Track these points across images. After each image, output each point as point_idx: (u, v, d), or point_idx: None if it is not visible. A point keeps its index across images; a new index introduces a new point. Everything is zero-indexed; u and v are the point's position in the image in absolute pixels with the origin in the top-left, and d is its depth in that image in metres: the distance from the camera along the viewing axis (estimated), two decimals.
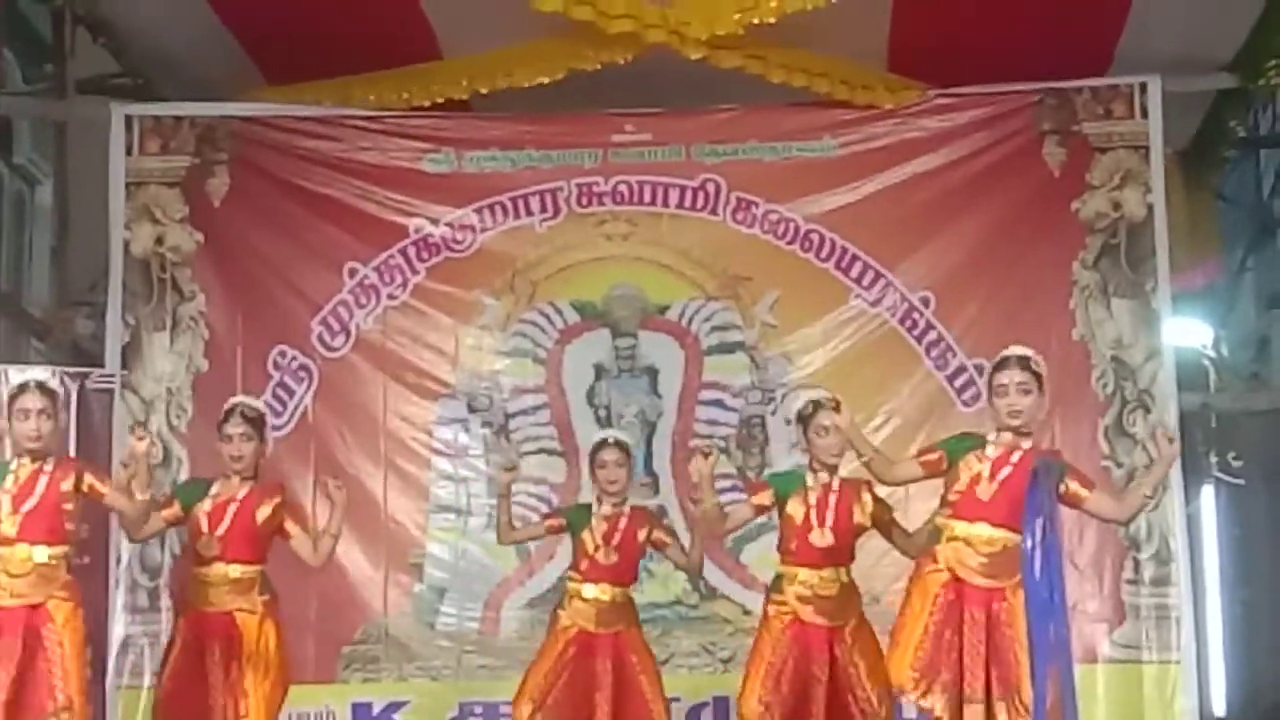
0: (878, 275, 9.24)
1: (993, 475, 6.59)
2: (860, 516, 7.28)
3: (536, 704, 7.41)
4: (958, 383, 9.10)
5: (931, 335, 9.18)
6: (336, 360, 9.21)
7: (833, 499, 7.25)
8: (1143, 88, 9.24)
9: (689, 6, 8.58)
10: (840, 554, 7.24)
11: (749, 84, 9.18)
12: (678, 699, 8.45)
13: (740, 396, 9.25)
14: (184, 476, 7.08)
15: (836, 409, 6.99)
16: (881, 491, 7.38)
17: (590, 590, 7.53)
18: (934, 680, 6.52)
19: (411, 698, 8.85)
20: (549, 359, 9.30)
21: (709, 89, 9.34)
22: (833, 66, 9.23)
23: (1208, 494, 10.10)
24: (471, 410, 9.22)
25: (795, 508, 7.26)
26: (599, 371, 9.31)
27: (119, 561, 8.79)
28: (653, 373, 9.31)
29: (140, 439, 7.04)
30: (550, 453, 9.22)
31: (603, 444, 7.75)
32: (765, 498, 7.41)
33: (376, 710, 8.85)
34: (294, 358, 9.17)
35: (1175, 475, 8.71)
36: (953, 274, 9.21)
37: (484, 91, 9.22)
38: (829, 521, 7.20)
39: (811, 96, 9.27)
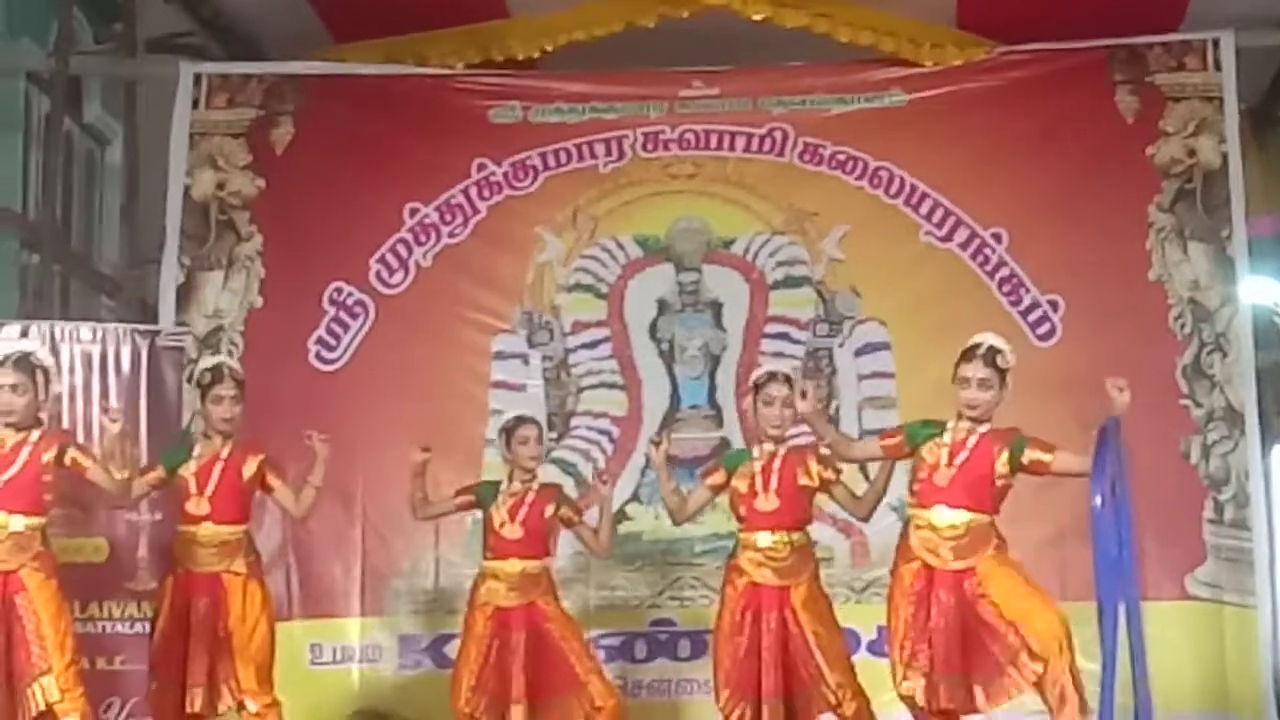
0: (948, 212, 9.19)
1: (950, 460, 6.70)
2: (806, 479, 7.33)
3: (471, 686, 7.52)
4: (1031, 318, 9.03)
5: (1004, 271, 9.11)
6: (395, 296, 9.23)
7: (777, 464, 7.33)
8: (1215, 43, 9.17)
9: None
10: (786, 516, 7.31)
11: (814, 44, 9.18)
12: None
13: (807, 329, 9.21)
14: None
15: (803, 395, 7.08)
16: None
17: (499, 566, 7.61)
18: (911, 666, 6.62)
19: (460, 630, 8.79)
20: (611, 294, 9.30)
21: (775, 50, 9.32)
22: (900, 24, 9.21)
23: (1278, 453, 9.98)
24: (531, 345, 9.22)
25: (740, 479, 7.37)
26: (662, 306, 9.30)
27: None
28: (717, 307, 9.28)
29: (114, 420, 7.11)
30: (612, 386, 9.22)
31: (520, 421, 7.81)
32: (718, 477, 7.51)
33: (425, 643, 8.83)
34: (350, 294, 9.19)
35: (1251, 421, 8.77)
36: (1026, 211, 9.16)
37: (549, 48, 9.23)
38: (773, 486, 7.28)
39: (879, 55, 9.24)
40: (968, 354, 6.79)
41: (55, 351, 7.90)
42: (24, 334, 7.80)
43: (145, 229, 9.71)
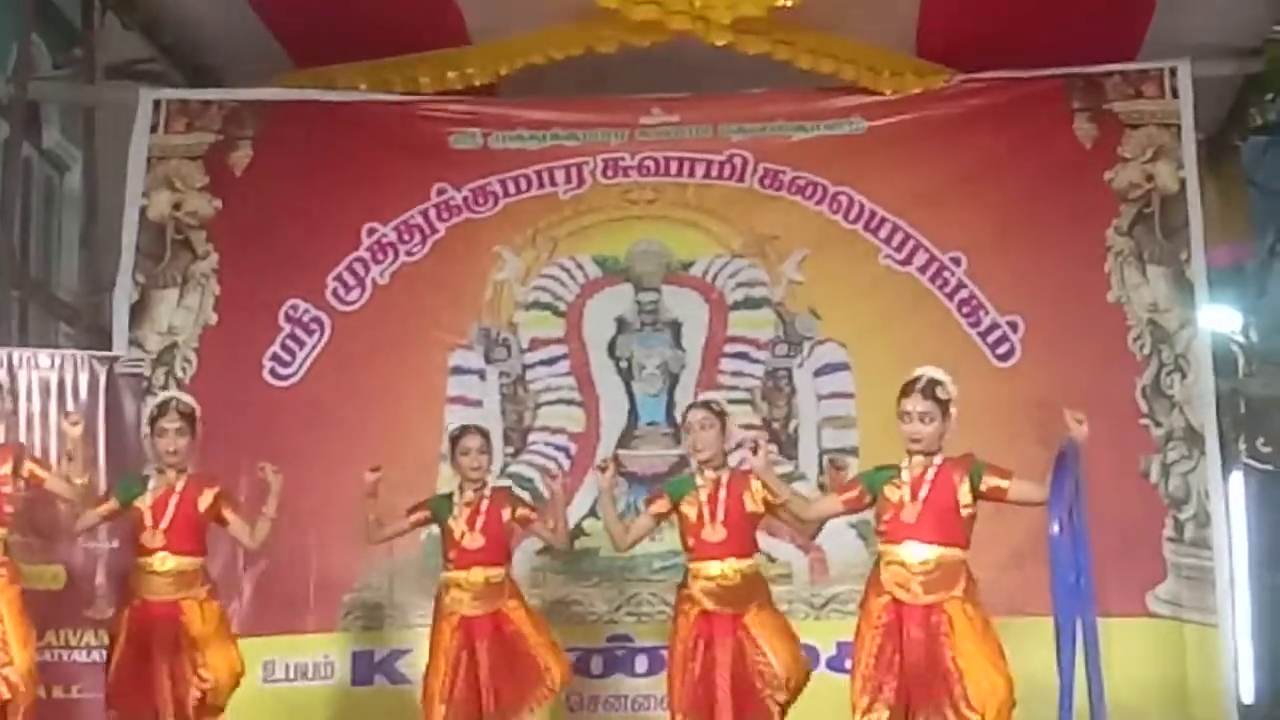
0: (907, 236, 9.22)
1: (914, 496, 6.67)
2: (752, 505, 7.35)
3: (444, 699, 7.54)
4: (990, 339, 9.07)
5: (963, 293, 9.15)
6: (351, 313, 9.21)
7: (722, 494, 7.35)
8: (1172, 72, 9.23)
9: None
10: (735, 545, 7.33)
11: (775, 71, 9.20)
12: None
13: (766, 349, 9.23)
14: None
15: (754, 451, 7.03)
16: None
17: (462, 576, 7.65)
18: (876, 698, 6.59)
19: (414, 645, 8.65)
20: (569, 312, 9.30)
21: (735, 78, 9.35)
22: (860, 52, 9.24)
23: (1236, 480, 10.04)
24: (489, 361, 9.22)
25: (688, 508, 7.39)
26: (621, 325, 9.30)
27: None
28: (676, 326, 9.30)
29: (75, 424, 7.16)
30: (569, 403, 9.21)
31: (464, 431, 7.87)
32: (662, 505, 7.53)
33: (378, 658, 8.78)
34: (306, 310, 9.17)
35: (1211, 443, 8.81)
36: (984, 235, 9.20)
37: (505, 73, 9.23)
38: (719, 516, 7.31)
39: (839, 82, 9.27)
40: (907, 389, 6.78)
41: (13, 377, 7.91)
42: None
43: (104, 255, 9.67)
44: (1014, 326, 9.04)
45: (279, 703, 7.73)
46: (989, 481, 6.67)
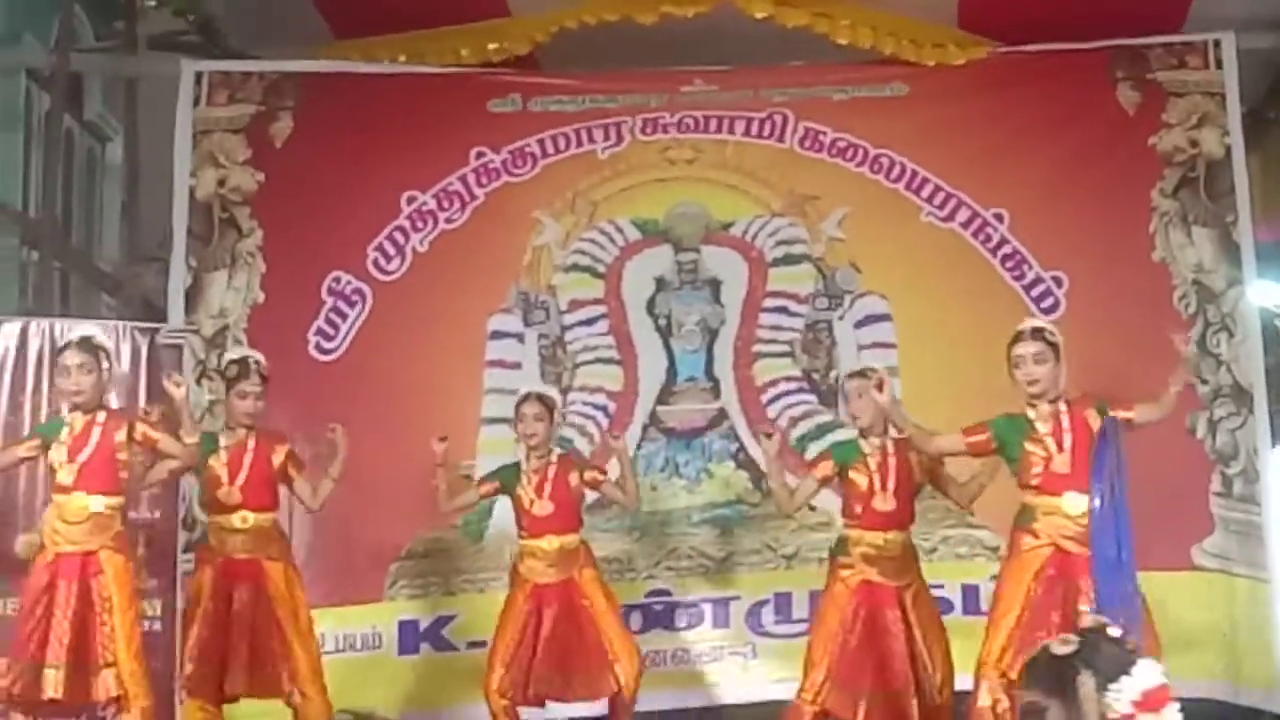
0: (949, 195, 9.19)
1: (1059, 446, 6.74)
2: (919, 474, 7.38)
3: (505, 663, 7.57)
4: (1034, 292, 9.05)
5: (1006, 249, 9.12)
6: (392, 283, 9.19)
7: (892, 463, 7.35)
8: (1216, 44, 9.19)
9: None
10: (902, 516, 7.35)
11: (815, 45, 9.17)
12: (738, 597, 8.66)
13: (806, 303, 9.21)
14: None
15: (879, 387, 7.01)
16: None
17: (535, 544, 7.67)
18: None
19: (459, 611, 8.74)
20: (608, 274, 9.27)
21: (775, 53, 9.33)
22: (901, 25, 9.21)
23: (1275, 469, 9.96)
24: (527, 324, 9.20)
25: (858, 475, 7.37)
26: (660, 284, 9.27)
27: None
28: (715, 284, 9.27)
29: (177, 384, 7.21)
30: (607, 361, 9.19)
31: (524, 398, 7.89)
32: (827, 468, 7.52)
33: (424, 626, 8.77)
34: (348, 282, 9.14)
35: (1260, 401, 8.80)
36: (1027, 194, 9.17)
37: (543, 40, 9.18)
38: (891, 486, 7.31)
39: (879, 56, 9.24)
40: (1017, 337, 6.88)
41: (55, 348, 7.91)
42: (24, 330, 7.82)
43: (145, 226, 9.73)
44: (1058, 281, 9.01)
45: (329, 675, 7.75)
46: (1119, 414, 6.74)
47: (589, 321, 9.24)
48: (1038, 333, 6.87)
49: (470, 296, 9.21)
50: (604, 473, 7.93)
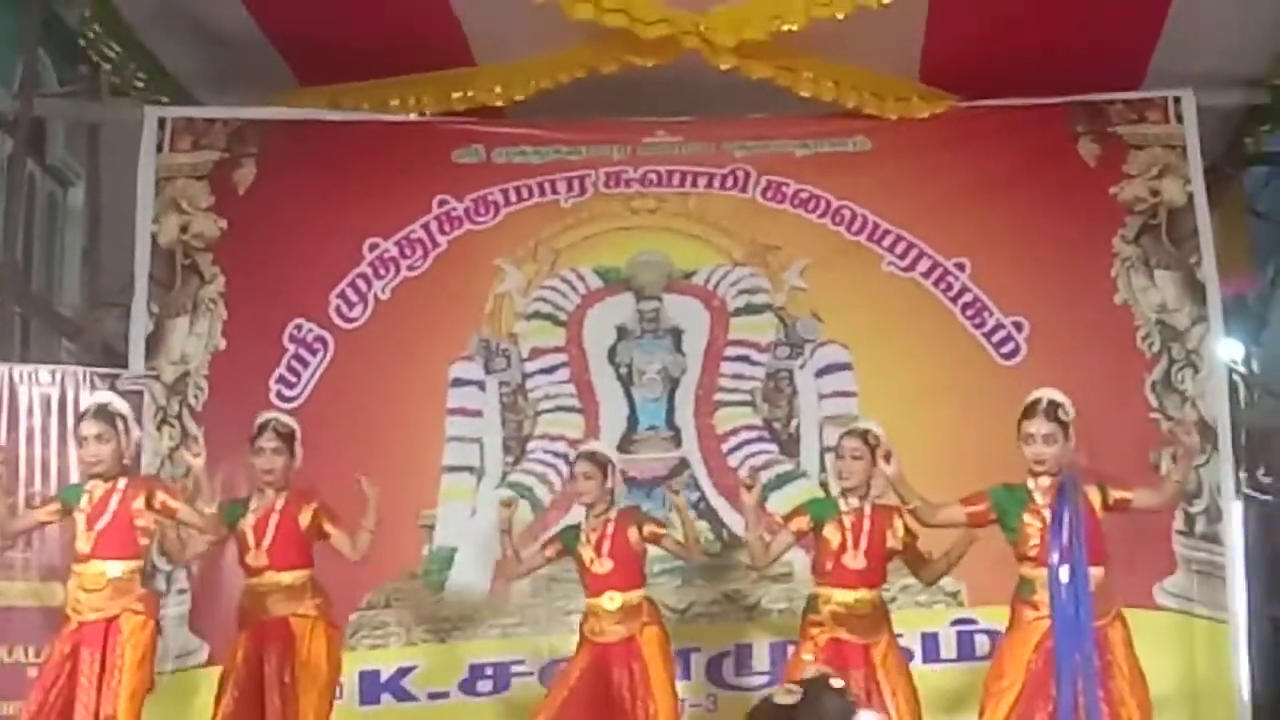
0: (911, 245, 9.26)
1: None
2: (893, 541, 7.42)
3: (548, 714, 7.51)
4: (995, 338, 9.11)
5: (967, 297, 9.19)
6: (353, 330, 9.18)
7: (866, 524, 7.39)
8: (1176, 101, 9.30)
9: (719, 14, 8.58)
10: (872, 576, 7.39)
11: (778, 98, 9.21)
12: (698, 648, 8.61)
13: (767, 352, 9.26)
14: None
15: (887, 459, 7.00)
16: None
17: (598, 603, 7.64)
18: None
19: (420, 661, 8.74)
20: (569, 321, 9.30)
21: (738, 105, 9.37)
22: (864, 78, 9.26)
23: (1237, 510, 10.04)
24: (488, 371, 9.20)
25: (831, 532, 7.40)
26: (621, 332, 9.30)
27: None
28: (677, 333, 9.31)
29: (196, 455, 7.26)
30: (569, 409, 9.20)
31: (578, 457, 7.92)
32: (802, 523, 7.55)
33: (385, 677, 8.73)
34: (310, 330, 9.13)
35: (1224, 438, 8.85)
36: (989, 243, 9.24)
37: (517, 98, 9.25)
38: (862, 544, 7.35)
39: (842, 109, 9.29)
40: (1029, 410, 6.88)
41: (14, 393, 7.92)
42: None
43: (106, 271, 9.69)
44: (1018, 326, 9.08)
45: None
46: (1115, 494, 6.82)
47: (550, 369, 9.25)
48: (1052, 409, 6.83)
49: (432, 344, 9.20)
50: (663, 527, 7.90)
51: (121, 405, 7.23)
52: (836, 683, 3.82)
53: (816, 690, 3.77)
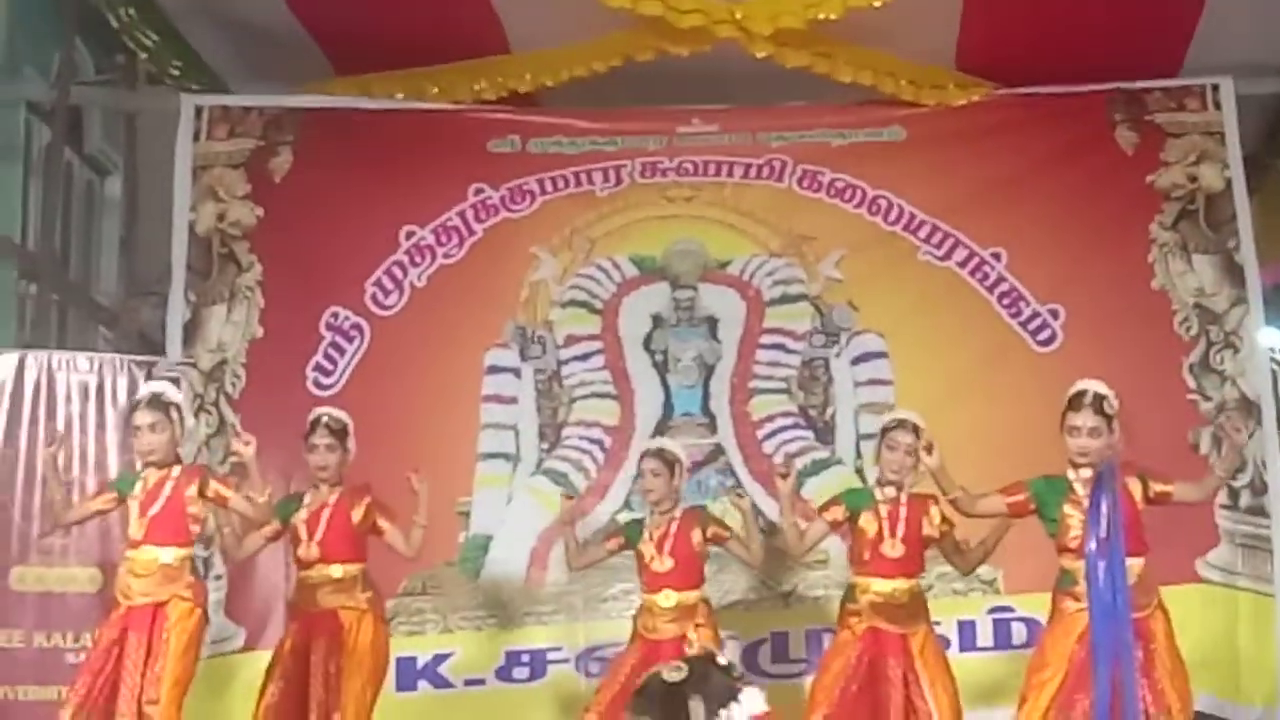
0: (947, 234, 9.26)
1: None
2: (929, 529, 7.40)
3: (598, 712, 7.46)
4: (1031, 326, 9.12)
5: (1003, 286, 9.19)
6: (389, 318, 9.19)
7: (902, 512, 7.37)
8: (1214, 88, 9.27)
9: (755, 2, 8.58)
10: (910, 564, 7.37)
11: (814, 85, 9.20)
12: (734, 636, 8.54)
13: (803, 340, 9.26)
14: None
15: (929, 450, 7.00)
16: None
17: (654, 600, 7.60)
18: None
19: (457, 649, 8.75)
20: (605, 309, 9.30)
21: (774, 92, 9.37)
22: (900, 66, 9.25)
23: None
24: (524, 358, 9.22)
25: (867, 521, 7.38)
26: (657, 321, 9.30)
27: None
28: (712, 321, 9.31)
29: (247, 444, 7.27)
30: (604, 396, 9.21)
31: (644, 453, 7.89)
32: (838, 513, 7.53)
33: (421, 663, 8.74)
34: (346, 317, 9.15)
35: (1268, 412, 8.81)
36: (1024, 232, 9.24)
37: (550, 84, 9.25)
38: (900, 533, 7.33)
39: (878, 96, 9.28)
40: (1074, 402, 6.85)
41: (51, 381, 7.96)
42: (21, 363, 7.84)
43: (143, 260, 9.74)
44: (1054, 314, 9.09)
45: None
46: (1156, 488, 6.81)
47: (585, 356, 9.26)
48: (1098, 402, 6.81)
49: (467, 331, 9.22)
50: (727, 529, 7.82)
51: (174, 394, 7.31)
52: (723, 660, 3.88)
53: (703, 667, 3.82)
